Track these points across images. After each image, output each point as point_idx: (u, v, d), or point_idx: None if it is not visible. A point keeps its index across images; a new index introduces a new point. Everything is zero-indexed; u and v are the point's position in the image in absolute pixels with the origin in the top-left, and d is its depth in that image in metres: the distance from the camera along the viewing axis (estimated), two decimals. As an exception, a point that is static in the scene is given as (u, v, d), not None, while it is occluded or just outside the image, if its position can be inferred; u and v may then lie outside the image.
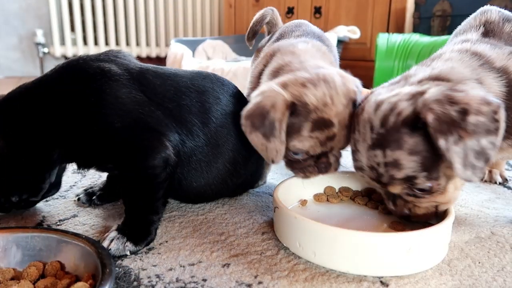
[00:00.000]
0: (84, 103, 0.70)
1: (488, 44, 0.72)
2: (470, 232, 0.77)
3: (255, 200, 0.91)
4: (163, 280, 0.60)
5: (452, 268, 0.64)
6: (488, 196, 0.96)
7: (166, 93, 0.75)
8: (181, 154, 0.75)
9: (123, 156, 0.70)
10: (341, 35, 2.70)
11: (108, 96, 0.70)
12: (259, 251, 0.68)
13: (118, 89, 0.71)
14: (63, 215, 0.81)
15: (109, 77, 0.72)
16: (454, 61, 0.69)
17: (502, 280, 0.61)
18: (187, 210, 0.85)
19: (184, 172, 0.77)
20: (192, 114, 0.76)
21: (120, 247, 0.66)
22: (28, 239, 0.63)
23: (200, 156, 0.77)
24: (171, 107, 0.74)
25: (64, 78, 0.73)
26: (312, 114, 0.71)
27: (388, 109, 0.62)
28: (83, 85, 0.71)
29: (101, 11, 3.67)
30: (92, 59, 0.75)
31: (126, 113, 0.70)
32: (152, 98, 0.74)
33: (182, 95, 0.77)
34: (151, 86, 0.75)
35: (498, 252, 0.70)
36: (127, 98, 0.71)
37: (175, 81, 0.78)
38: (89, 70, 0.72)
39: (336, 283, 0.60)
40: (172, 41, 3.01)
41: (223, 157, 0.80)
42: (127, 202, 0.72)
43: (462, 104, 0.56)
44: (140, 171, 0.69)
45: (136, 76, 0.75)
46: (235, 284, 0.59)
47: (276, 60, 0.86)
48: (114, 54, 0.79)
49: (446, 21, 2.45)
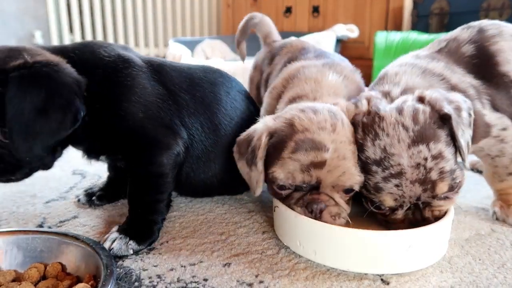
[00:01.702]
0: (110, 88, 0.70)
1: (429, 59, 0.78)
2: (470, 229, 0.77)
3: (255, 200, 0.91)
4: (164, 280, 0.60)
5: (452, 265, 0.64)
6: (488, 193, 0.96)
7: (182, 84, 0.78)
8: (192, 147, 0.77)
9: (136, 148, 0.70)
10: (340, 34, 2.70)
11: (137, 84, 0.71)
12: (260, 250, 0.68)
13: (144, 79, 0.73)
14: (64, 216, 0.81)
15: (135, 66, 0.73)
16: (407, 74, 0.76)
17: (502, 277, 0.61)
18: (188, 210, 0.85)
19: (193, 163, 0.79)
20: (205, 105, 0.80)
21: (123, 246, 0.66)
22: (29, 240, 0.63)
23: (209, 147, 0.80)
24: (187, 98, 0.78)
25: (88, 60, 0.71)
26: (299, 134, 0.64)
27: (411, 110, 0.65)
28: (110, 70, 0.71)
29: (99, 12, 3.67)
30: (113, 46, 0.75)
31: (150, 103, 0.71)
32: (170, 89, 0.76)
33: (196, 86, 0.80)
34: (169, 78, 0.78)
35: (499, 249, 0.70)
36: (152, 89, 0.73)
37: (189, 73, 0.81)
38: (115, 57, 0.72)
39: (337, 281, 0.60)
40: (170, 41, 3.01)
41: (231, 148, 0.80)
42: (133, 199, 0.73)
43: (455, 103, 0.66)
44: (151, 166, 0.70)
45: (156, 67, 0.77)
46: (236, 283, 0.59)
47: (295, 87, 0.80)
48: (126, 46, 0.80)
49: (444, 19, 2.45)
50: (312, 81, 0.79)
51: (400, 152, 0.62)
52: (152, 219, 0.71)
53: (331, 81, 0.79)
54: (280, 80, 0.86)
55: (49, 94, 0.60)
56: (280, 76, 0.88)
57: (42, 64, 0.60)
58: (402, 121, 0.64)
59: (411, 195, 0.63)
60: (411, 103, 0.66)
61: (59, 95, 0.61)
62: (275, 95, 0.85)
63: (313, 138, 0.63)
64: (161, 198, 0.73)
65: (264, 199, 0.91)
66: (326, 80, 0.79)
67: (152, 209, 0.72)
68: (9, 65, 0.59)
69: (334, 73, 0.81)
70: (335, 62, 0.86)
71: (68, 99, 0.62)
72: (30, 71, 0.58)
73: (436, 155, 0.62)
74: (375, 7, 2.78)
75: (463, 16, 2.44)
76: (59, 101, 0.61)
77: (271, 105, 0.86)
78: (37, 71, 0.59)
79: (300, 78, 0.81)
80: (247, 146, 0.70)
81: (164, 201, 0.73)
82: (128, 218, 0.72)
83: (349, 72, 0.84)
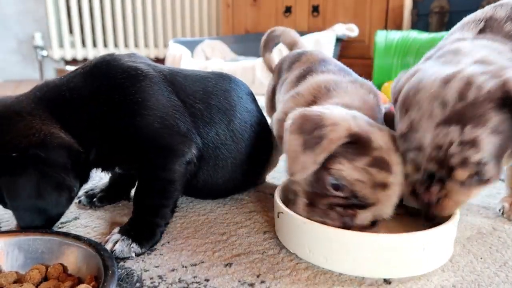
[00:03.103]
0: (124, 102, 0.71)
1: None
2: (472, 228, 0.77)
3: (256, 200, 0.91)
4: (165, 281, 0.60)
5: (454, 264, 0.64)
6: (489, 191, 0.96)
7: (195, 94, 0.79)
8: (209, 155, 0.79)
9: (152, 155, 0.71)
10: (339, 33, 2.70)
11: (150, 97, 0.72)
12: (261, 251, 0.68)
13: (158, 90, 0.74)
14: (65, 217, 0.81)
15: (148, 78, 0.74)
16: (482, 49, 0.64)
17: (504, 275, 0.61)
18: (188, 210, 0.85)
19: (211, 170, 0.80)
20: (221, 113, 0.81)
21: (125, 249, 0.66)
22: (30, 242, 0.63)
23: (226, 153, 0.81)
24: (202, 108, 0.78)
25: (100, 76, 0.72)
26: (375, 151, 0.62)
27: (463, 84, 0.55)
28: (123, 84, 0.72)
29: (99, 13, 3.68)
30: (124, 59, 0.76)
31: (165, 114, 0.72)
32: (184, 100, 0.77)
33: (210, 94, 0.81)
34: (182, 88, 0.78)
35: (500, 247, 0.70)
36: (167, 101, 0.74)
37: (202, 82, 0.82)
38: (128, 70, 0.73)
39: (338, 281, 0.60)
40: (170, 42, 3.02)
41: (245, 151, 0.84)
42: (138, 202, 0.73)
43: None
44: (163, 172, 0.71)
45: (168, 78, 0.78)
46: (237, 283, 0.59)
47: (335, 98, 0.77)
48: (136, 55, 0.80)
49: (444, 18, 2.45)
50: (358, 96, 0.77)
51: (426, 128, 0.56)
52: (156, 222, 0.71)
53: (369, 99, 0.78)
54: (307, 88, 0.84)
55: (39, 181, 0.61)
56: (307, 84, 0.86)
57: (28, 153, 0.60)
58: (442, 95, 0.55)
59: (426, 168, 0.59)
60: (469, 72, 0.56)
61: (48, 179, 0.62)
62: (302, 102, 0.82)
63: (384, 157, 0.62)
64: (167, 203, 0.73)
65: (265, 199, 0.91)
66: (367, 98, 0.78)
67: (156, 213, 0.72)
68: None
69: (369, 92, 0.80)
70: (363, 80, 0.85)
71: (58, 181, 0.63)
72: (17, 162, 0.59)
73: (467, 141, 0.53)
74: (375, 6, 2.78)
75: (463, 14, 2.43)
76: (51, 185, 0.62)
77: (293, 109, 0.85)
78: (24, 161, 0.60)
79: (339, 91, 0.79)
80: (314, 128, 0.62)
81: (169, 207, 0.73)
82: (131, 220, 0.72)
83: (376, 91, 0.84)
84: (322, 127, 0.61)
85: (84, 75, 0.73)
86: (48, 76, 3.84)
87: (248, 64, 2.65)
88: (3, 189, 0.59)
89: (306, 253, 0.64)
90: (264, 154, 0.93)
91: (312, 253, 0.63)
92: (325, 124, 0.62)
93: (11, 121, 0.63)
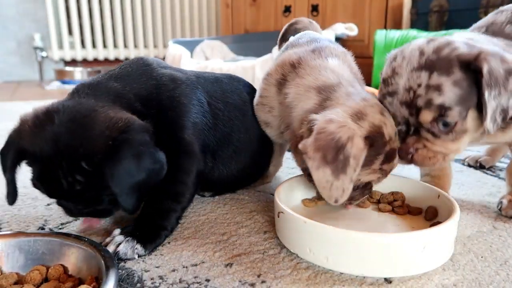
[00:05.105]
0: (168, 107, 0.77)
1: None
2: (472, 226, 0.77)
3: (256, 200, 0.91)
4: (166, 281, 0.60)
5: (455, 263, 0.64)
6: (489, 190, 0.96)
7: (215, 94, 0.86)
8: (225, 150, 0.85)
9: (177, 158, 0.75)
10: (339, 33, 2.69)
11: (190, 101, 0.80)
12: (262, 250, 0.68)
13: (192, 94, 0.81)
14: (65, 218, 0.81)
15: (182, 84, 0.81)
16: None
17: (505, 274, 0.61)
18: (189, 210, 0.85)
19: (227, 163, 0.86)
20: (236, 110, 0.88)
21: (129, 251, 0.65)
22: (31, 243, 0.63)
23: (241, 147, 0.88)
24: (222, 108, 0.86)
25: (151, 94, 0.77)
26: (387, 146, 0.67)
27: (443, 43, 0.65)
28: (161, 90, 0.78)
29: (98, 14, 3.67)
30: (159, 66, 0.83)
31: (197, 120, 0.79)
32: (208, 101, 0.84)
33: (227, 93, 0.89)
34: (206, 90, 0.85)
35: (501, 246, 0.70)
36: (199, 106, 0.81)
37: (218, 83, 0.90)
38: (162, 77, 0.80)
39: (339, 280, 0.60)
40: (170, 42, 3.01)
41: (255, 143, 0.91)
42: (150, 204, 0.73)
43: (509, 64, 0.63)
44: (179, 173, 0.75)
45: (197, 82, 0.85)
46: (238, 283, 0.59)
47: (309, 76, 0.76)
48: (159, 61, 0.87)
49: (443, 17, 2.45)
50: (328, 70, 0.76)
51: (403, 73, 0.66)
52: (163, 225, 0.72)
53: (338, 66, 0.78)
54: (275, 67, 0.84)
55: (137, 160, 0.65)
56: (274, 62, 0.87)
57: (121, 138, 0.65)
58: (423, 48, 0.66)
59: (400, 115, 0.68)
60: (452, 39, 0.67)
61: (144, 156, 0.66)
62: (273, 82, 0.83)
63: (394, 147, 0.68)
64: (177, 208, 0.74)
65: (265, 199, 0.91)
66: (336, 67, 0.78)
67: (165, 216, 0.72)
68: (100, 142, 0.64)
69: (333, 57, 0.81)
70: (323, 45, 0.85)
71: (152, 156, 0.68)
72: (115, 148, 0.64)
73: (432, 85, 0.63)
74: (374, 5, 2.78)
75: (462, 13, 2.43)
76: (148, 161, 0.67)
77: (267, 91, 0.84)
78: (119, 146, 0.64)
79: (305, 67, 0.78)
80: (337, 153, 0.61)
81: (178, 212, 0.74)
82: (136, 221, 0.72)
83: (341, 54, 0.84)
84: (341, 148, 0.61)
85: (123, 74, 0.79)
86: (47, 77, 3.84)
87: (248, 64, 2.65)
88: (109, 177, 0.62)
89: (307, 253, 0.64)
90: (269, 146, 0.97)
91: (313, 252, 0.63)
92: (342, 143, 0.61)
93: (91, 116, 0.67)
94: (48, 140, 0.63)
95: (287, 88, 0.79)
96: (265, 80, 0.86)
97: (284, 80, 0.80)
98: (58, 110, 0.66)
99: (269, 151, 0.98)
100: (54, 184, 0.64)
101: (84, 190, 0.65)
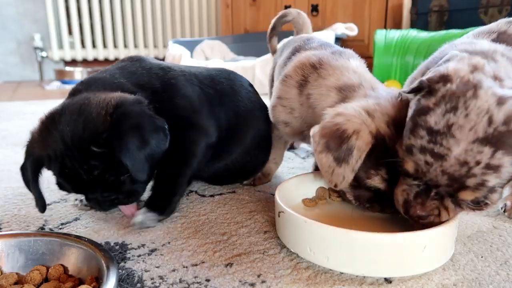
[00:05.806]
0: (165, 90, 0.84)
1: None
2: (472, 226, 0.77)
3: (257, 200, 0.91)
4: (166, 281, 0.60)
5: (455, 263, 0.64)
6: (490, 190, 0.96)
7: (205, 81, 0.93)
8: (224, 132, 0.89)
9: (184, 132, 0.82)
10: (339, 33, 2.70)
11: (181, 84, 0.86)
12: (262, 250, 0.68)
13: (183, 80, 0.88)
14: (65, 218, 0.81)
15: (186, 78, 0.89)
16: None
17: (505, 273, 0.61)
18: (189, 210, 0.85)
19: (218, 148, 0.89)
20: (226, 96, 0.94)
21: (148, 220, 0.75)
22: (31, 243, 0.63)
23: (231, 133, 0.92)
24: (212, 93, 0.91)
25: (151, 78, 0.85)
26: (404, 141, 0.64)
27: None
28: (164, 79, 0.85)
29: (98, 14, 3.68)
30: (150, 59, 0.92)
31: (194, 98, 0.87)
32: (200, 86, 0.90)
33: (216, 81, 0.95)
34: (196, 77, 0.92)
35: (501, 246, 0.70)
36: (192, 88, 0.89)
37: (208, 73, 0.96)
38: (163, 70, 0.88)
39: (339, 280, 0.60)
40: (170, 42, 3.01)
41: (249, 135, 0.95)
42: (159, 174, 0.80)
43: None
44: (192, 146, 0.82)
45: (186, 70, 0.92)
46: (238, 283, 0.59)
47: (330, 76, 0.77)
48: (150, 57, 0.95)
49: (443, 16, 2.45)
50: (351, 70, 0.77)
51: (462, 139, 0.53)
52: (173, 191, 0.80)
53: (360, 67, 0.80)
54: (293, 68, 0.84)
55: (140, 130, 0.71)
56: (291, 64, 0.87)
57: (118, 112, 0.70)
58: (493, 113, 0.53)
59: (432, 179, 0.57)
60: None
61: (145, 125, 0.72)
62: (293, 83, 0.83)
63: None
64: (184, 171, 0.81)
65: (265, 199, 0.91)
66: (358, 68, 0.79)
67: (174, 182, 0.80)
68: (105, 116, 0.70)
69: (354, 59, 0.82)
70: (341, 49, 0.87)
71: (152, 123, 0.73)
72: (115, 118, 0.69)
73: (492, 166, 0.52)
74: (374, 5, 2.78)
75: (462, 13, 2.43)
76: (149, 129, 0.72)
77: (288, 92, 0.84)
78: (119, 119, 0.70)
79: (327, 67, 0.79)
80: (340, 142, 0.64)
81: (186, 176, 0.82)
82: (151, 191, 0.80)
83: (354, 55, 0.86)
84: (346, 139, 0.63)
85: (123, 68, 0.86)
86: (47, 77, 3.84)
87: (248, 64, 2.65)
88: (118, 151, 0.67)
89: (307, 253, 0.64)
90: (267, 140, 0.99)
91: (313, 252, 0.63)
92: (348, 134, 0.63)
93: (85, 104, 0.71)
94: (56, 139, 0.68)
95: (309, 89, 0.80)
96: (284, 82, 0.85)
97: (306, 81, 0.81)
98: (58, 111, 0.71)
99: (265, 150, 1.01)
100: (74, 177, 0.69)
101: (103, 174, 0.69)
